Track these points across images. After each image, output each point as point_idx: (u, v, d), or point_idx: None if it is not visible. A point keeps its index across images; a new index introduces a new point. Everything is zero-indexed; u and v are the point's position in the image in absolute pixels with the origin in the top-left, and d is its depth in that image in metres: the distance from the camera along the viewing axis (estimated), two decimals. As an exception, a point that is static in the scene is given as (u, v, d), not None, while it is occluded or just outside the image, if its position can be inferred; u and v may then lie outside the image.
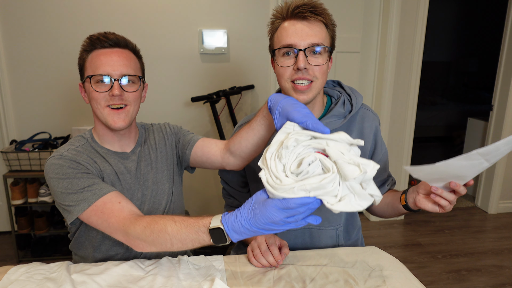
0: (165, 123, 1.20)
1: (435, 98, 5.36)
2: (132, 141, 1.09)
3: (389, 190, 1.15)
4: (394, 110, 2.70)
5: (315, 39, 0.95)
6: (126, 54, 0.99)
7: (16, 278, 0.86)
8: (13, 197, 2.15)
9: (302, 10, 0.94)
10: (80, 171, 0.94)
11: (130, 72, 0.98)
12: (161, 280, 0.87)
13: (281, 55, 0.98)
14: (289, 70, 0.97)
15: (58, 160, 0.95)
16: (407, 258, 2.35)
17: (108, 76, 0.95)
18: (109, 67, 0.95)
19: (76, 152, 0.98)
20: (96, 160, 1.01)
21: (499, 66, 2.84)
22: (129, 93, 0.98)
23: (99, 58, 0.95)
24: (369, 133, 1.08)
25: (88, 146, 1.03)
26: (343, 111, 1.06)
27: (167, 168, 1.12)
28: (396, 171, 2.80)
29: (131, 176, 1.05)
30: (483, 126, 3.15)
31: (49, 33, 2.27)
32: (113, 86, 0.95)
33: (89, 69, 0.97)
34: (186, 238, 0.79)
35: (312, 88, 0.97)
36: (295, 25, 0.95)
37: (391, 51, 2.56)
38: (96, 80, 0.95)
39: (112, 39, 0.97)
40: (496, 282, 2.09)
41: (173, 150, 1.15)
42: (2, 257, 2.32)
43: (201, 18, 2.38)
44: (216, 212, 0.80)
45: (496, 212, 3.01)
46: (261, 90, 2.54)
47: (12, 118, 2.37)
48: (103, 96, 0.96)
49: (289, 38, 0.95)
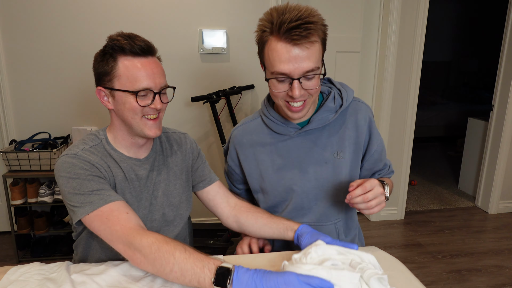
0: (185, 135, 1.17)
1: (435, 98, 5.37)
2: (148, 147, 1.07)
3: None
4: (394, 110, 2.70)
5: (310, 64, 0.90)
6: (158, 62, 0.98)
7: (16, 278, 0.86)
8: (13, 197, 2.15)
9: (297, 34, 0.87)
10: (92, 173, 0.92)
11: (166, 83, 0.98)
12: (161, 280, 0.86)
13: (274, 78, 0.95)
14: (283, 93, 0.96)
15: (72, 159, 0.92)
16: (407, 258, 2.35)
17: (151, 89, 0.92)
18: (150, 81, 0.92)
19: (90, 153, 0.96)
20: (109, 164, 0.98)
21: (499, 66, 2.84)
22: (164, 104, 0.98)
23: (136, 68, 0.91)
24: (363, 124, 1.09)
25: (101, 147, 0.99)
26: (334, 106, 1.06)
27: (179, 182, 1.11)
28: (396, 171, 2.80)
29: (140, 183, 1.03)
30: (483, 126, 3.15)
31: (49, 33, 2.27)
32: (155, 100, 0.93)
33: (124, 78, 0.91)
34: (189, 270, 0.77)
35: (306, 105, 0.99)
36: (289, 51, 0.89)
37: (391, 51, 2.56)
38: (139, 94, 0.92)
39: (141, 45, 0.92)
40: (496, 282, 2.09)
41: (188, 168, 1.14)
42: (2, 257, 2.32)
43: (201, 18, 2.38)
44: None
45: (496, 212, 3.01)
46: (261, 90, 2.54)
47: (11, 118, 2.37)
48: (141, 108, 0.93)
49: (282, 66, 0.90)
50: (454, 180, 3.74)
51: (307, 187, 1.09)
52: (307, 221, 1.12)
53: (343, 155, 1.08)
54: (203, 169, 1.16)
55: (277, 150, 1.10)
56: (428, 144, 5.20)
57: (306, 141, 1.08)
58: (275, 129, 1.09)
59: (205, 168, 1.17)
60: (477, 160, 3.22)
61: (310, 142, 1.08)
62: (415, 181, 3.68)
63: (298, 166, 1.09)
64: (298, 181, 1.09)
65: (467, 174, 3.40)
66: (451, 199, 3.29)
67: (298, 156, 1.09)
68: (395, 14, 2.50)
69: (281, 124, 1.08)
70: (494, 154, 2.93)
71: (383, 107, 2.66)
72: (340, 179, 1.09)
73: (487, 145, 2.99)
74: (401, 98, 2.68)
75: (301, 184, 1.09)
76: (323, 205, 1.12)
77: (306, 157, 1.08)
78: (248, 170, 1.15)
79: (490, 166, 2.99)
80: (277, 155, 1.10)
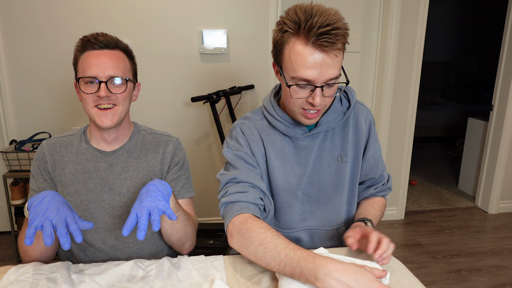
0: (174, 140, 1.15)
1: (435, 98, 5.36)
2: (119, 142, 1.10)
3: (374, 198, 1.14)
4: (394, 110, 2.70)
5: (334, 71, 0.88)
6: (116, 55, 1.01)
7: (16, 278, 0.86)
8: (13, 197, 2.15)
9: (326, 41, 0.83)
10: (40, 168, 1.06)
11: (118, 74, 0.99)
12: (161, 280, 0.87)
13: (295, 84, 0.90)
14: (302, 100, 0.92)
15: (39, 150, 1.08)
16: (407, 258, 2.35)
17: (96, 78, 0.97)
18: (97, 69, 0.97)
19: (54, 143, 1.09)
20: (63, 156, 1.07)
21: (499, 66, 2.84)
22: (117, 94, 1.00)
23: (88, 60, 0.98)
24: (364, 127, 1.08)
25: (75, 138, 1.10)
26: (341, 107, 1.06)
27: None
28: (396, 171, 2.80)
29: (97, 175, 1.06)
30: (483, 126, 3.15)
31: (49, 33, 2.27)
32: (100, 87, 0.97)
33: (79, 70, 1.00)
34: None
35: (320, 113, 0.97)
36: (316, 57, 0.85)
37: (391, 51, 2.56)
38: (85, 81, 0.98)
39: (102, 41, 0.99)
40: (496, 282, 2.09)
41: (163, 172, 1.12)
42: (2, 257, 2.32)
43: (201, 18, 2.38)
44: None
45: (496, 212, 3.01)
46: (261, 90, 2.54)
47: (12, 118, 2.37)
48: (91, 97, 0.99)
49: (307, 72, 0.86)
50: (454, 180, 3.74)
51: (310, 190, 1.08)
52: (309, 225, 1.10)
53: (346, 159, 1.07)
54: (176, 183, 1.12)
55: (282, 152, 1.06)
56: (428, 144, 5.20)
57: (311, 144, 1.06)
58: (283, 130, 1.05)
59: (179, 182, 1.13)
60: (477, 160, 3.22)
61: (316, 145, 1.06)
62: (415, 181, 3.68)
63: (303, 170, 1.07)
64: (302, 185, 1.07)
65: (467, 174, 3.40)
66: (451, 199, 3.29)
67: (304, 159, 1.06)
68: (395, 14, 2.50)
69: (290, 126, 1.04)
70: (494, 154, 2.93)
71: (383, 107, 2.66)
72: (343, 183, 1.08)
73: (487, 145, 3.00)
74: (401, 98, 2.68)
75: (304, 188, 1.08)
76: (325, 209, 1.10)
77: (311, 159, 1.06)
78: (258, 166, 1.08)
79: (490, 166, 2.99)
80: (282, 157, 1.06)
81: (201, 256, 0.98)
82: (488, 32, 5.61)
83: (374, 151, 1.10)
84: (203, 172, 2.61)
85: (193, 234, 1.11)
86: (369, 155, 1.09)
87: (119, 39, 1.04)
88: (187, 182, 1.15)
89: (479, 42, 5.70)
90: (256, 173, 1.02)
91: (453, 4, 5.52)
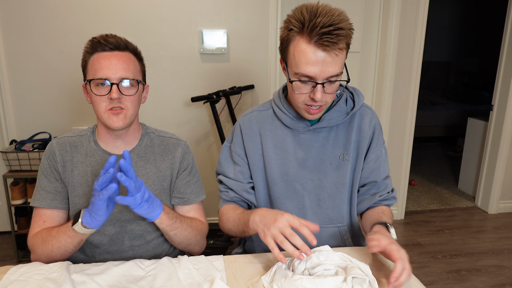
0: (182, 143, 1.15)
1: (435, 98, 5.36)
2: (128, 145, 1.09)
3: (381, 207, 1.11)
4: (394, 110, 2.70)
5: (336, 69, 0.92)
6: (126, 57, 1.00)
7: (16, 278, 0.86)
8: (13, 197, 2.15)
9: (327, 40, 0.87)
10: (50, 166, 1.05)
11: (129, 76, 0.99)
12: (161, 280, 0.87)
13: (298, 80, 0.95)
14: (304, 95, 0.97)
15: (49, 149, 1.06)
16: (407, 258, 2.35)
17: (107, 79, 0.96)
18: (108, 70, 0.97)
19: (65, 142, 1.07)
20: (73, 156, 1.06)
21: (499, 66, 2.84)
22: (128, 96, 0.99)
23: (99, 61, 0.98)
24: (367, 129, 1.09)
25: (85, 138, 1.09)
26: (345, 107, 1.08)
27: (159, 188, 1.10)
28: (396, 171, 2.80)
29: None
30: (483, 126, 3.15)
31: (49, 33, 2.27)
32: (112, 89, 0.96)
33: (90, 72, 0.99)
34: (61, 240, 0.96)
35: (322, 109, 1.01)
36: (318, 56, 0.90)
37: (391, 51, 2.56)
38: (96, 83, 0.97)
39: (112, 42, 0.99)
40: (496, 282, 2.09)
41: (173, 177, 1.12)
42: (2, 257, 2.32)
43: (201, 18, 2.38)
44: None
45: (496, 212, 3.01)
46: (261, 90, 2.54)
47: (12, 118, 2.37)
48: (103, 100, 0.98)
49: (309, 68, 0.91)
50: (454, 180, 3.74)
51: (310, 186, 1.09)
52: None
53: (348, 158, 1.08)
54: (186, 188, 1.12)
55: (282, 143, 1.09)
56: (428, 144, 5.20)
57: (313, 139, 1.08)
58: (286, 122, 1.08)
59: (188, 188, 1.13)
60: (477, 160, 3.22)
61: (318, 141, 1.08)
62: (415, 181, 3.68)
63: (302, 163, 1.08)
64: (301, 179, 1.08)
65: (467, 174, 3.40)
66: (451, 199, 3.29)
67: (304, 153, 1.08)
68: (395, 14, 2.50)
69: (293, 118, 1.07)
70: (494, 154, 2.93)
71: (383, 107, 2.66)
72: (344, 182, 1.09)
73: (487, 145, 3.00)
74: (401, 98, 2.68)
75: (304, 182, 1.09)
76: (326, 206, 1.10)
77: (312, 155, 1.08)
78: (253, 160, 1.11)
79: (490, 166, 2.99)
80: (281, 148, 1.09)
81: (201, 256, 0.98)
82: (488, 32, 5.61)
83: (376, 155, 1.10)
84: (203, 172, 2.61)
85: (200, 239, 1.11)
86: (371, 158, 1.10)
87: (128, 41, 1.03)
88: (196, 187, 1.15)
89: (479, 42, 5.70)
90: (239, 171, 1.13)
91: (453, 4, 5.51)
